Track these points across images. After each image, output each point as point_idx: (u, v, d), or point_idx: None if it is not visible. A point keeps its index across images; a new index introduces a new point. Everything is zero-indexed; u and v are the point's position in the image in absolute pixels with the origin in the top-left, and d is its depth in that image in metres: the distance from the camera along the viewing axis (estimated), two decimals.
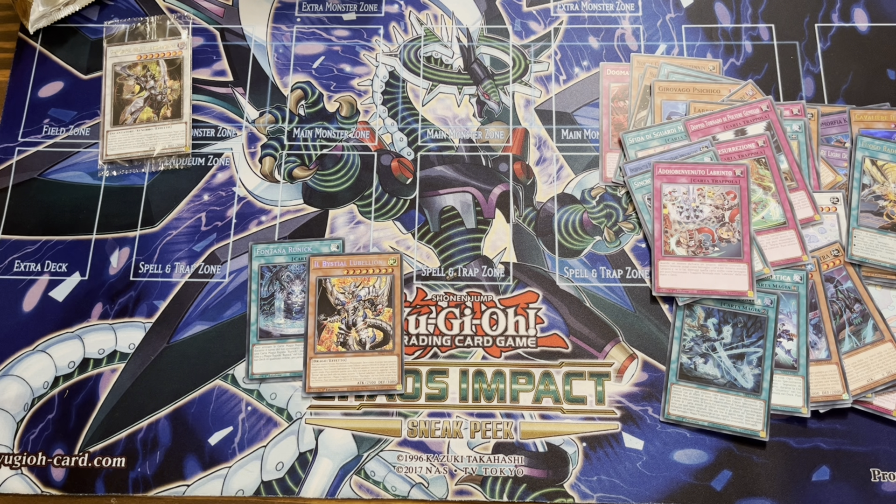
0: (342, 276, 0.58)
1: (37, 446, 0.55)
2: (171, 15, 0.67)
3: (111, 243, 0.60)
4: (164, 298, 0.58)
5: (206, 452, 0.54)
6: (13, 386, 0.56)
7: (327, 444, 0.54)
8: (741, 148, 0.59)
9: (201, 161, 0.62)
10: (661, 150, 0.60)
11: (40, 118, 0.64)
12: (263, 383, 0.56)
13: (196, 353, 0.57)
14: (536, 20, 0.67)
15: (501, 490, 0.53)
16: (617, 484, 0.53)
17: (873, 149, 0.60)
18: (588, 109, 0.63)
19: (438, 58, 0.66)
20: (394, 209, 0.61)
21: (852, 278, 0.56)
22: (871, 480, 0.52)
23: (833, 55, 0.64)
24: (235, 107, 0.64)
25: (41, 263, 0.60)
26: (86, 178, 0.62)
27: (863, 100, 0.62)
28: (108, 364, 0.57)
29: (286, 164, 0.62)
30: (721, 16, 0.66)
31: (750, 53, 0.65)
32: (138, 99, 0.64)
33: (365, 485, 0.53)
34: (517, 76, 0.65)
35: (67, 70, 0.66)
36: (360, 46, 0.66)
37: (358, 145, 0.63)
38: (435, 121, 0.63)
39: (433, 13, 0.67)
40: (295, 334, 0.56)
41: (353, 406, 0.55)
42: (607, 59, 0.65)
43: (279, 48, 0.66)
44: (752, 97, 0.62)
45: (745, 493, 0.52)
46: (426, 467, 0.53)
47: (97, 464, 0.54)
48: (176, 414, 0.55)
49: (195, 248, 0.60)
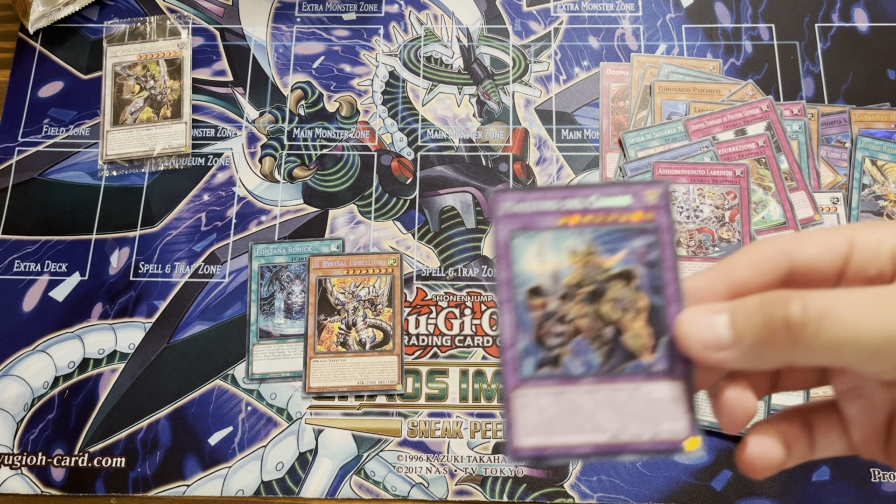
0: (342, 276, 0.58)
1: (37, 446, 0.55)
2: (171, 15, 0.67)
3: (111, 243, 0.60)
4: (164, 298, 0.58)
5: (206, 452, 0.54)
6: (13, 386, 0.56)
7: (327, 444, 0.54)
8: (741, 148, 0.59)
9: (201, 161, 0.62)
10: (661, 150, 0.60)
11: (40, 118, 0.64)
12: (263, 383, 0.56)
13: (196, 353, 0.57)
14: (536, 20, 0.67)
15: (501, 490, 0.53)
16: (617, 484, 0.53)
17: (873, 149, 0.60)
18: (588, 109, 0.63)
19: (438, 58, 0.66)
20: (394, 209, 0.61)
21: None
22: (870, 480, 0.52)
23: (833, 55, 0.64)
24: (235, 107, 0.64)
25: (41, 263, 0.60)
26: (86, 178, 0.62)
27: (863, 100, 0.62)
28: (108, 364, 0.57)
29: (286, 164, 0.62)
30: (721, 16, 0.66)
31: (750, 53, 0.65)
32: (138, 99, 0.64)
33: (365, 485, 0.53)
34: (517, 76, 0.65)
35: (67, 70, 0.66)
36: (360, 46, 0.66)
37: (358, 145, 0.63)
38: (435, 121, 0.63)
39: (433, 13, 0.67)
40: (295, 334, 0.56)
41: (353, 406, 0.55)
42: (607, 58, 0.65)
43: (279, 48, 0.66)
44: (752, 97, 0.62)
45: (745, 493, 0.52)
46: (426, 467, 0.53)
47: (97, 464, 0.54)
48: (176, 414, 0.55)
49: (195, 248, 0.60)
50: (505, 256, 0.26)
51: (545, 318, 0.27)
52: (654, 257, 0.26)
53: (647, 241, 0.26)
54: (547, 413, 0.25)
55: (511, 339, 0.26)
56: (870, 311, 0.22)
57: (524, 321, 0.26)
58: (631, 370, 0.25)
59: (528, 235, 0.27)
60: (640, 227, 0.26)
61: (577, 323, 0.26)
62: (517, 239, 0.27)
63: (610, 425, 0.25)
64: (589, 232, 0.26)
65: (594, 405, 0.25)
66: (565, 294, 0.26)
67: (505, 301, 0.26)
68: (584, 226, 0.26)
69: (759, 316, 0.23)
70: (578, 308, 0.27)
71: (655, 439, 0.25)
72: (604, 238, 0.27)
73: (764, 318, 0.23)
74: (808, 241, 0.25)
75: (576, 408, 0.25)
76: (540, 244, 0.27)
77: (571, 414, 0.25)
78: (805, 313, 0.22)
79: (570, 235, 0.27)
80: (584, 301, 0.26)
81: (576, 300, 0.26)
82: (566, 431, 0.25)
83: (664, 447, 0.25)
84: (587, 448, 0.25)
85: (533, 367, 0.26)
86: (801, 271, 0.25)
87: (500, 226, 0.26)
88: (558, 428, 0.25)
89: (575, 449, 0.25)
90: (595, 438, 0.25)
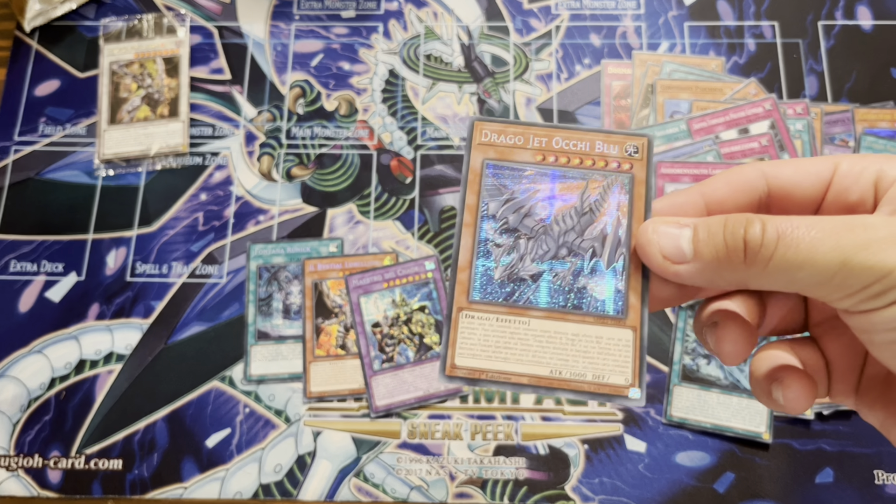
0: (338, 278, 0.57)
1: (33, 448, 0.54)
2: (169, 13, 0.66)
3: (108, 243, 0.60)
4: (161, 299, 0.58)
5: (203, 454, 0.54)
6: (9, 387, 0.56)
7: (326, 446, 0.54)
8: (744, 147, 0.59)
9: (199, 160, 0.62)
10: (663, 148, 0.60)
11: (36, 117, 0.63)
12: (261, 385, 0.55)
13: (193, 354, 0.56)
14: (537, 18, 0.66)
15: (502, 493, 0.52)
16: (619, 486, 0.52)
17: (877, 148, 0.59)
18: (590, 108, 0.63)
19: (438, 56, 0.65)
20: (393, 209, 0.60)
21: None
22: (874, 482, 0.52)
23: (837, 53, 0.64)
24: (233, 105, 0.64)
25: (37, 263, 0.59)
26: (82, 177, 0.62)
27: (867, 98, 0.62)
28: (104, 365, 0.56)
29: (284, 164, 0.62)
30: (724, 14, 0.66)
31: (753, 52, 0.64)
32: (135, 97, 0.63)
33: (364, 487, 0.53)
34: (518, 74, 0.64)
35: (64, 68, 0.65)
36: (360, 44, 0.65)
37: (357, 144, 0.62)
38: (435, 119, 0.63)
39: (433, 11, 0.66)
40: (293, 335, 0.56)
41: (353, 408, 0.55)
42: (609, 56, 0.64)
43: (277, 46, 0.65)
44: (755, 96, 0.61)
45: (747, 495, 0.52)
46: (426, 469, 0.53)
47: (94, 466, 0.54)
48: (173, 416, 0.55)
49: (192, 249, 0.59)
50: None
51: (382, 336, 0.51)
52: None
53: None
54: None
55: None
56: (826, 235, 0.21)
57: (373, 340, 0.51)
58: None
59: (367, 296, 0.52)
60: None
61: (398, 336, 0.52)
62: (362, 297, 0.49)
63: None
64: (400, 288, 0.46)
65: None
66: (391, 323, 0.51)
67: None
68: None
69: (720, 234, 0.23)
70: (398, 330, 0.51)
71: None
72: (408, 289, 0.54)
73: (725, 236, 0.23)
74: (789, 165, 0.25)
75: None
76: (374, 298, 0.52)
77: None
78: (763, 235, 0.22)
79: (389, 293, 0.52)
80: (402, 324, 0.50)
81: (398, 325, 0.50)
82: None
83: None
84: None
85: None
86: (780, 195, 0.25)
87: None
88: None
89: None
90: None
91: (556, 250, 0.26)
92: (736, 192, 0.26)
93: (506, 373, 0.25)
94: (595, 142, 0.26)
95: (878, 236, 0.21)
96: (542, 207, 0.26)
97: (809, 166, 0.25)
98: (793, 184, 0.25)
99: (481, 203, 0.26)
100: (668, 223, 0.25)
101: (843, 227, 0.22)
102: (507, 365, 0.25)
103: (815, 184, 0.25)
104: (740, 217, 0.23)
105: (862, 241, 0.21)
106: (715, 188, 0.26)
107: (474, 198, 0.26)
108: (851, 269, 0.21)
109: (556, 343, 0.25)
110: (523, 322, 0.25)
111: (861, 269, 0.21)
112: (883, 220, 0.22)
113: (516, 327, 0.25)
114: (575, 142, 0.26)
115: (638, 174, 0.26)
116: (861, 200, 0.24)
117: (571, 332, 0.25)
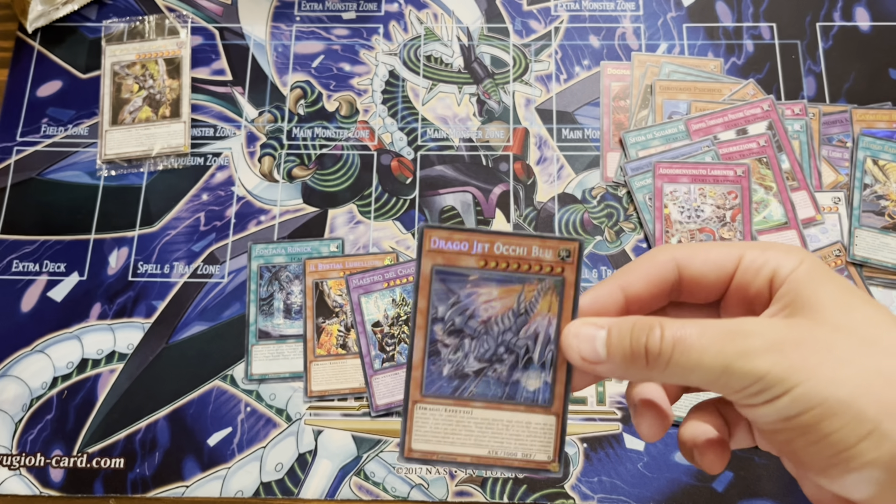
0: (339, 278, 0.57)
1: (35, 447, 0.54)
2: (170, 14, 0.67)
3: (109, 243, 0.60)
4: (162, 299, 0.58)
5: (204, 453, 0.54)
6: (11, 387, 0.56)
7: (327, 445, 0.54)
8: (742, 147, 0.59)
9: (200, 161, 0.62)
10: (662, 149, 0.60)
11: (39, 117, 0.64)
12: (262, 384, 0.56)
13: (195, 353, 0.57)
14: (537, 19, 0.66)
15: (502, 491, 0.52)
16: (618, 485, 0.52)
17: (875, 148, 0.59)
18: (589, 109, 0.63)
19: (438, 57, 0.65)
20: (394, 209, 0.60)
21: (854, 279, 0.56)
22: None
23: (835, 54, 0.64)
24: (234, 106, 0.64)
25: (39, 263, 0.59)
26: (84, 177, 0.62)
27: (865, 99, 0.62)
28: (106, 364, 0.56)
29: (285, 164, 0.62)
30: (722, 15, 0.66)
31: (751, 52, 0.64)
32: (137, 98, 0.64)
33: (365, 486, 0.53)
34: (518, 75, 0.64)
35: (66, 69, 0.65)
36: (360, 45, 0.66)
37: (357, 145, 0.63)
38: (435, 120, 0.63)
39: (433, 12, 0.67)
40: (294, 335, 0.56)
41: (353, 407, 0.55)
42: (608, 58, 0.65)
43: (278, 47, 0.66)
44: (753, 96, 0.62)
45: (746, 494, 0.52)
46: (426, 468, 0.53)
47: (96, 465, 0.54)
48: (175, 415, 0.55)
49: (194, 248, 0.60)
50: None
51: (382, 336, 0.54)
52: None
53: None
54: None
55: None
56: (711, 343, 0.25)
57: (373, 340, 0.54)
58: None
59: (367, 296, 0.55)
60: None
61: (399, 336, 0.54)
62: (363, 297, 0.53)
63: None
64: (401, 288, 0.50)
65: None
66: (392, 323, 0.53)
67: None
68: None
69: (627, 338, 0.26)
70: (398, 329, 0.54)
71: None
72: (408, 289, 0.55)
73: (631, 342, 0.26)
74: (699, 257, 0.28)
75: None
76: (375, 298, 0.54)
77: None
78: (662, 341, 0.25)
79: (389, 293, 0.54)
80: (402, 323, 0.53)
81: (398, 324, 0.53)
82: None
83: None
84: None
85: None
86: (690, 283, 0.29)
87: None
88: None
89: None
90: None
91: (496, 349, 0.29)
92: (650, 284, 0.28)
93: (452, 454, 0.29)
94: (532, 247, 0.28)
95: (754, 345, 0.24)
96: (483, 309, 0.29)
97: (717, 258, 0.28)
98: (701, 275, 0.28)
99: (431, 307, 0.29)
100: (588, 324, 0.27)
101: (727, 335, 0.25)
102: (453, 447, 0.29)
103: (720, 276, 0.28)
104: (644, 323, 0.26)
105: (741, 349, 0.24)
106: (631, 282, 0.29)
107: (425, 302, 0.29)
108: (732, 374, 0.24)
109: (493, 428, 0.30)
110: (467, 412, 0.30)
111: (740, 374, 0.24)
112: (762, 327, 0.25)
113: (461, 416, 0.30)
114: (514, 247, 0.28)
115: (568, 277, 0.28)
116: (758, 294, 0.27)
117: (506, 419, 0.29)
